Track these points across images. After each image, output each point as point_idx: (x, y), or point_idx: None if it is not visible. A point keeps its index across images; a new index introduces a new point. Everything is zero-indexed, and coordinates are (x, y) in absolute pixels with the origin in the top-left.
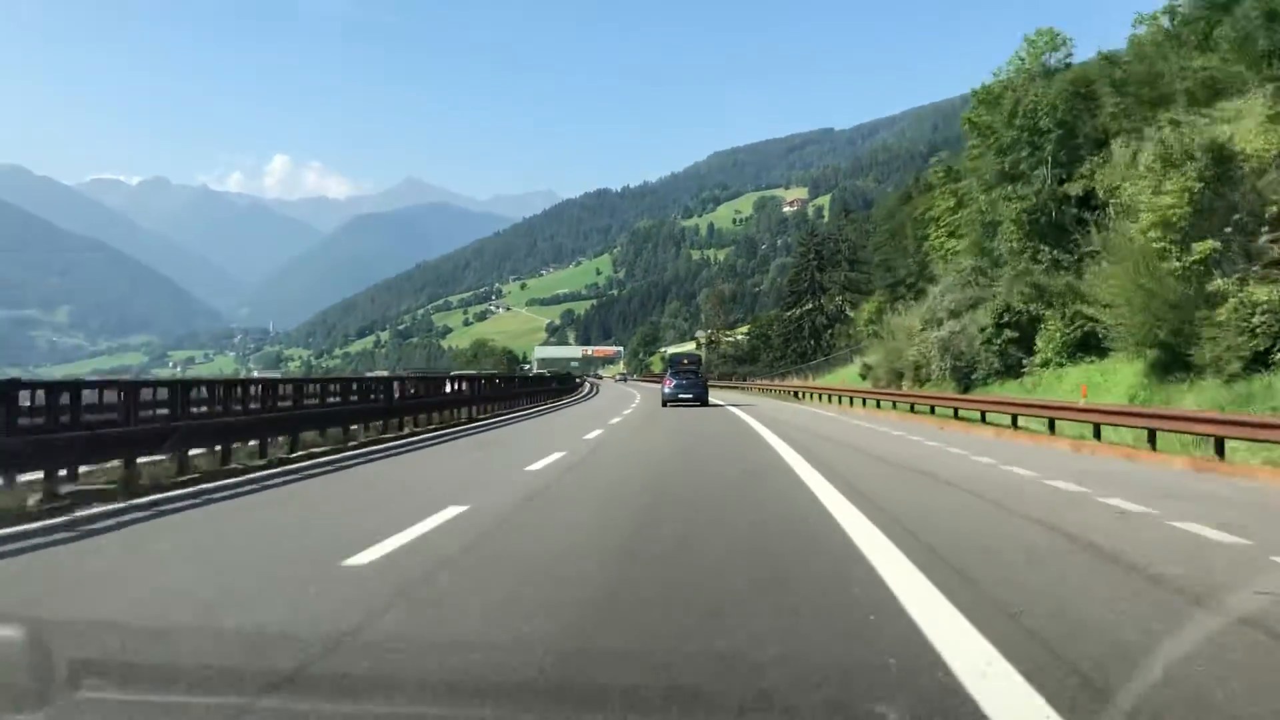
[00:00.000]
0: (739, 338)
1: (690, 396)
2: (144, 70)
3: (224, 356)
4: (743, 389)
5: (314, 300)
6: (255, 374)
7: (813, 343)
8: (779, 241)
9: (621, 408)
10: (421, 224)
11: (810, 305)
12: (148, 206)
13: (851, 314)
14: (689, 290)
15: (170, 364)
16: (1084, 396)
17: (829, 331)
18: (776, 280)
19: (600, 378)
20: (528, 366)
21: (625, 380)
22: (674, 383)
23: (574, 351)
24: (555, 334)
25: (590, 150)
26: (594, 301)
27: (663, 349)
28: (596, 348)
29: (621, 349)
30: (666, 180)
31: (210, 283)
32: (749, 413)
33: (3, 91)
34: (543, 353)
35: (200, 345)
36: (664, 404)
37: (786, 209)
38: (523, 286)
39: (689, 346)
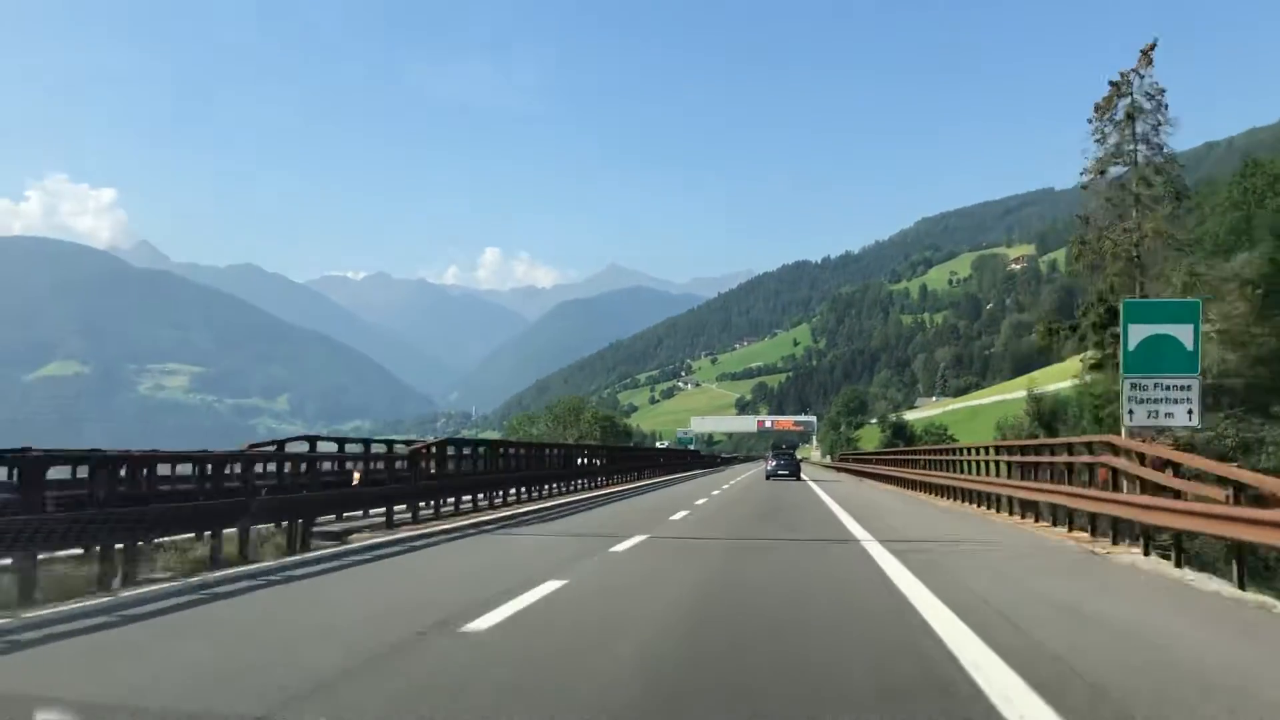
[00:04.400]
0: None
1: (787, 473)
2: (370, 176)
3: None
4: None
5: (517, 383)
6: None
7: None
8: (1007, 300)
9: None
10: (621, 307)
11: None
12: (370, 300)
13: None
14: (901, 356)
15: None
16: None
17: None
18: (1011, 341)
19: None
20: (663, 443)
21: (783, 466)
22: (775, 462)
23: (743, 423)
24: (745, 409)
25: (789, 226)
26: (789, 374)
27: (871, 419)
28: (778, 419)
29: (814, 420)
30: (870, 249)
31: (424, 370)
32: None
33: (246, 199)
34: (702, 425)
35: (406, 430)
36: (767, 478)
37: (1014, 266)
38: (713, 361)
39: (914, 415)
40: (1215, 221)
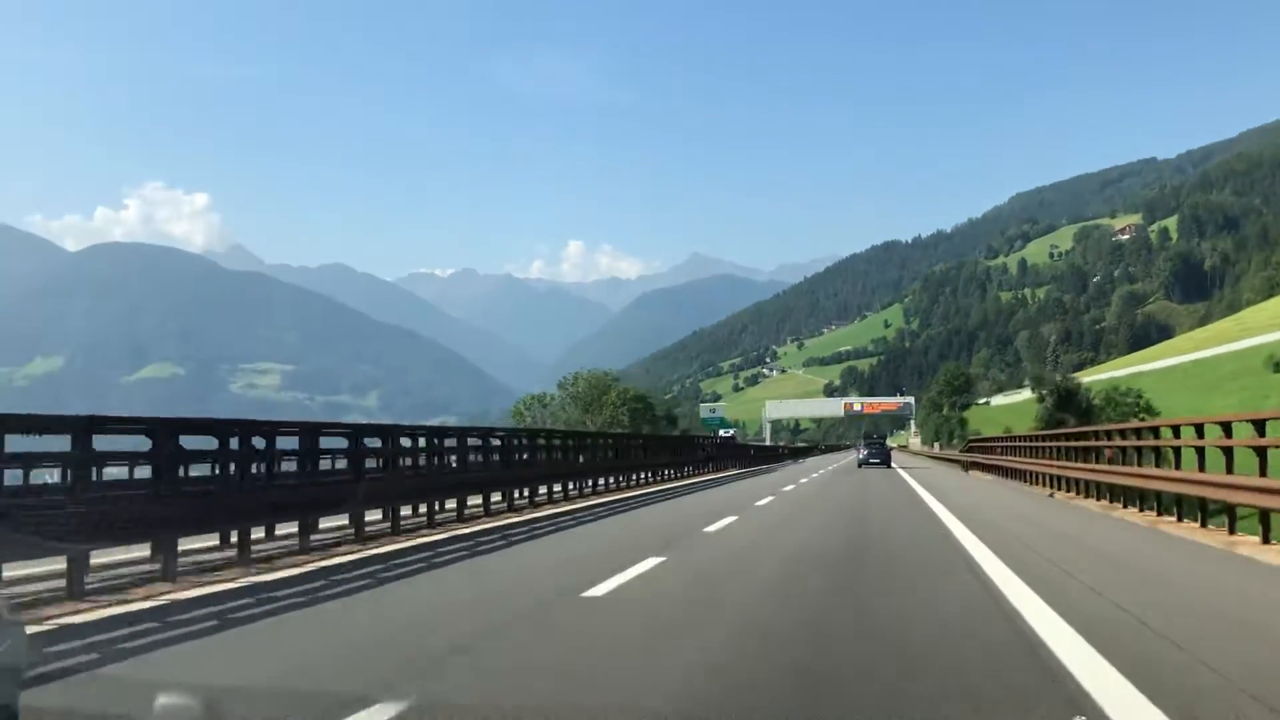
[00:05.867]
0: None
1: (878, 461)
2: (456, 173)
3: None
4: None
5: None
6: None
7: None
8: (1115, 271)
9: None
10: (706, 296)
11: None
12: (457, 296)
13: None
14: (1002, 335)
15: None
16: None
17: None
18: (1125, 313)
19: (880, 445)
20: (728, 433)
21: (874, 455)
22: (866, 451)
23: (829, 407)
24: (834, 395)
25: (877, 208)
26: (879, 357)
27: (980, 400)
28: (869, 400)
29: (911, 401)
30: (963, 227)
31: (510, 364)
32: None
33: (336, 200)
34: (780, 410)
35: (490, 423)
36: (859, 465)
37: (1121, 236)
38: (799, 347)
39: (1022, 398)
40: None
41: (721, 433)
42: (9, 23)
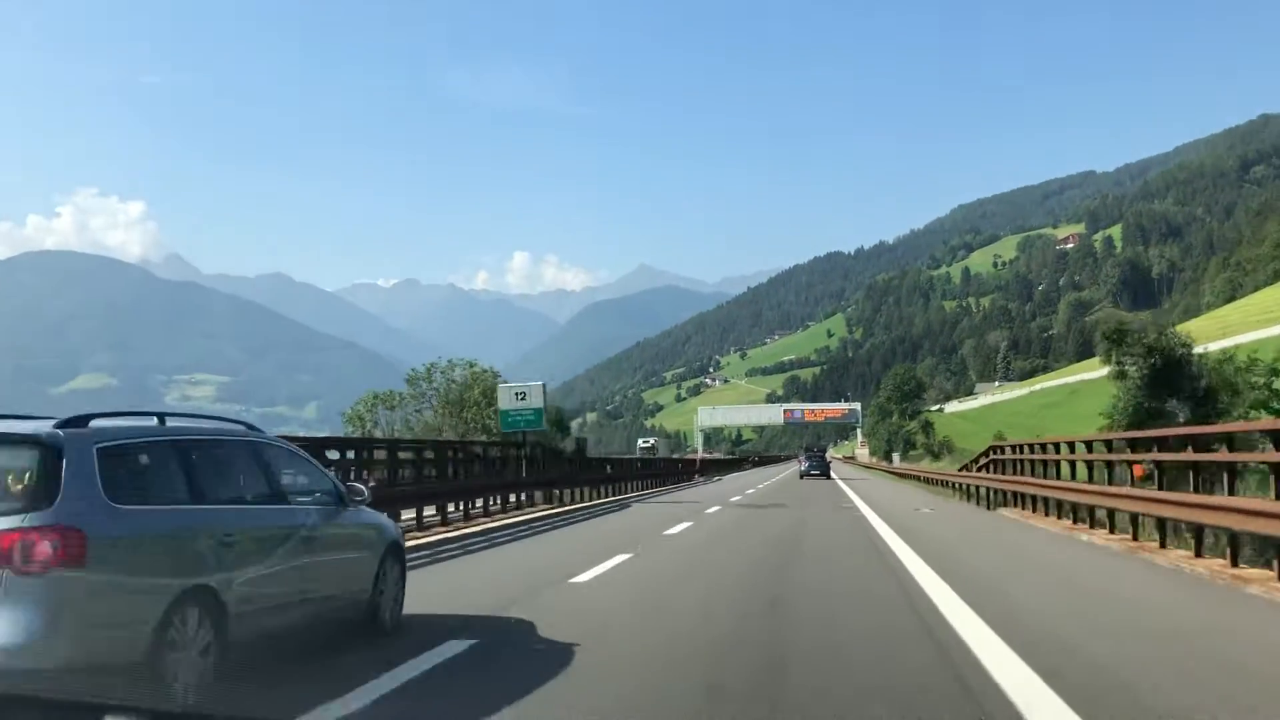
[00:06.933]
0: None
1: (818, 472)
2: (399, 183)
3: None
4: None
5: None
6: None
7: None
8: (1061, 280)
9: None
10: (651, 307)
11: None
12: (399, 307)
13: None
14: (947, 343)
15: None
16: None
17: None
18: (1075, 320)
19: (820, 457)
20: (648, 443)
21: (815, 466)
22: (807, 463)
23: (768, 414)
24: (775, 403)
25: (821, 222)
26: (823, 366)
27: (933, 407)
28: (811, 407)
29: (857, 408)
30: (905, 237)
31: None
32: None
33: (277, 210)
34: (714, 418)
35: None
36: (801, 476)
37: (1065, 246)
38: (742, 356)
39: (982, 403)
40: None
41: (641, 443)
42: None
